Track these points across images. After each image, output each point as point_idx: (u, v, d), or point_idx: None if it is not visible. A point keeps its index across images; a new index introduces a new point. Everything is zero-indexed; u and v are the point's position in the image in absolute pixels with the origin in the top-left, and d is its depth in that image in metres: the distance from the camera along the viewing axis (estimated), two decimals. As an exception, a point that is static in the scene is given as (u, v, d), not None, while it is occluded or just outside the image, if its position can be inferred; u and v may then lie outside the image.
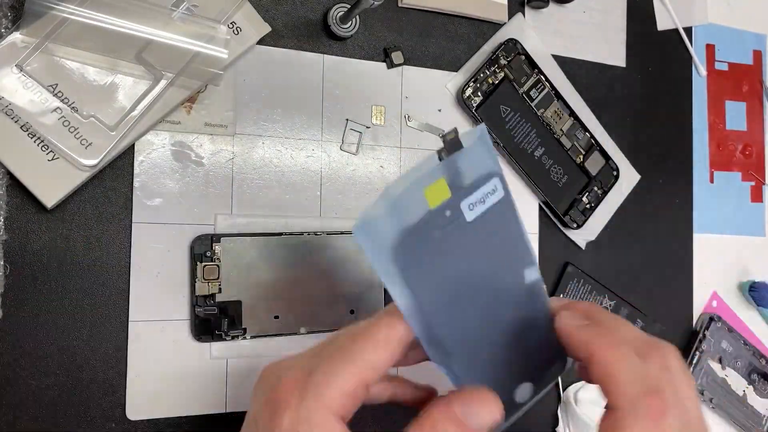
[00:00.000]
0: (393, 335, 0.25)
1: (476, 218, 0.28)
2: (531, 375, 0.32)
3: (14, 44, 0.36)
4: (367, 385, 0.25)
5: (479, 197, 0.27)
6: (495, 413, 0.25)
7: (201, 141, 0.41)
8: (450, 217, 0.27)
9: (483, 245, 0.28)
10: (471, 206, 0.27)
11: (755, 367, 0.59)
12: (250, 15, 0.42)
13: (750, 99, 0.63)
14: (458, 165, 0.27)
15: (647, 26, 0.58)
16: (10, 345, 0.37)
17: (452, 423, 0.24)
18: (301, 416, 0.24)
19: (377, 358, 0.25)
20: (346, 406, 0.24)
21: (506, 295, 0.30)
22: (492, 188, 0.28)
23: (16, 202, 0.37)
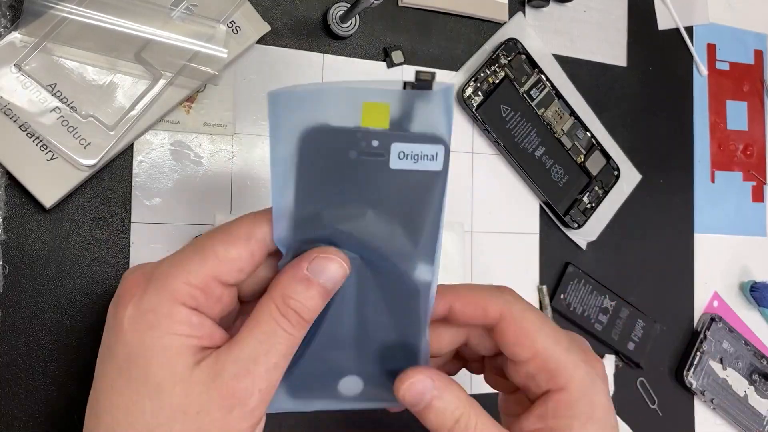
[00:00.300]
0: (252, 233, 0.25)
1: (399, 171, 0.25)
2: (367, 374, 0.29)
3: (13, 44, 0.36)
4: (223, 281, 0.25)
5: (414, 152, 0.25)
6: (342, 266, 0.25)
7: (200, 141, 0.41)
8: (374, 148, 0.24)
9: (390, 203, 0.25)
10: (401, 155, 0.24)
11: (756, 368, 0.59)
12: (249, 14, 0.41)
13: (751, 99, 0.63)
14: (413, 106, 0.24)
15: (648, 26, 0.58)
16: (8, 345, 0.36)
17: (301, 282, 0.25)
18: (143, 305, 0.24)
19: (231, 253, 0.24)
20: (196, 297, 0.24)
21: (386, 274, 0.27)
22: (432, 154, 0.25)
23: (14, 201, 0.37)
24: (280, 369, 0.25)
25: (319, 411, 0.29)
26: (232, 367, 0.24)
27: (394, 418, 0.46)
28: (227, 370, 0.24)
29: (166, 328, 0.24)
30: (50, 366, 0.37)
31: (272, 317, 0.25)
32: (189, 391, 0.23)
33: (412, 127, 0.24)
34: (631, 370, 0.54)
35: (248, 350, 0.24)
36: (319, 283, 0.25)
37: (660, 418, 0.55)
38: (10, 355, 0.36)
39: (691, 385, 0.55)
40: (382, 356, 0.28)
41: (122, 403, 0.24)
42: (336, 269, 0.25)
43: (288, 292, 0.25)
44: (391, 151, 0.24)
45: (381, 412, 0.45)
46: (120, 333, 0.24)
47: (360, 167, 0.24)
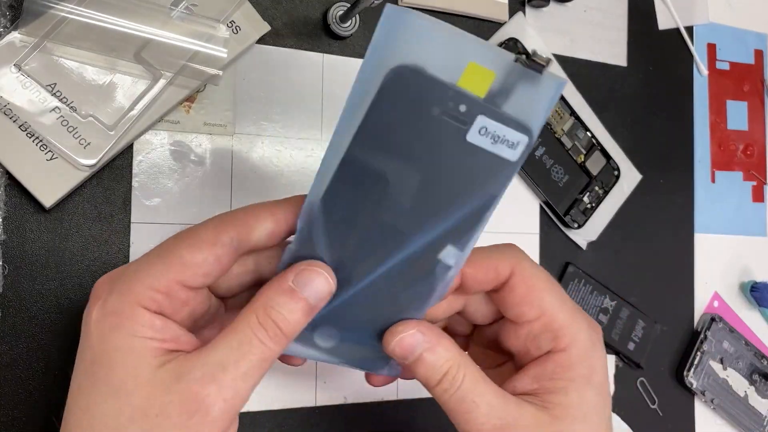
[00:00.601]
0: (219, 237, 0.24)
1: (473, 146, 0.23)
2: (348, 331, 0.28)
3: (13, 43, 0.36)
4: (187, 285, 0.24)
5: (497, 132, 0.23)
6: (329, 283, 0.25)
7: (200, 141, 0.41)
8: (460, 113, 0.22)
9: (448, 175, 0.24)
10: (483, 130, 0.23)
11: (757, 368, 0.59)
12: (249, 14, 0.41)
13: (751, 98, 0.63)
14: (516, 85, 0.22)
15: (648, 25, 0.58)
16: (8, 345, 0.36)
17: (284, 293, 0.24)
18: (107, 308, 0.24)
19: (196, 258, 0.24)
20: (159, 302, 0.24)
21: (408, 244, 0.25)
22: (514, 141, 0.23)
23: (14, 201, 0.37)
24: (251, 381, 0.24)
25: (289, 355, 0.29)
26: (197, 371, 0.23)
27: (394, 418, 0.46)
28: (192, 374, 0.23)
29: (129, 330, 0.23)
30: (50, 366, 0.37)
31: (249, 326, 0.24)
32: (150, 393, 0.23)
33: (505, 107, 0.23)
34: (632, 370, 0.54)
35: (218, 356, 0.23)
36: (302, 297, 0.24)
37: (660, 418, 0.55)
38: (9, 355, 0.36)
39: (691, 385, 0.55)
40: (370, 320, 0.27)
41: (86, 404, 0.24)
42: (321, 283, 0.25)
43: (270, 303, 0.24)
44: (475, 122, 0.22)
45: (381, 412, 0.45)
46: (87, 336, 0.24)
47: (435, 127, 0.23)
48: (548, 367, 0.28)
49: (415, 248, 0.25)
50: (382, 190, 0.24)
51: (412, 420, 0.46)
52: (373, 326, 0.28)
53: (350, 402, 0.45)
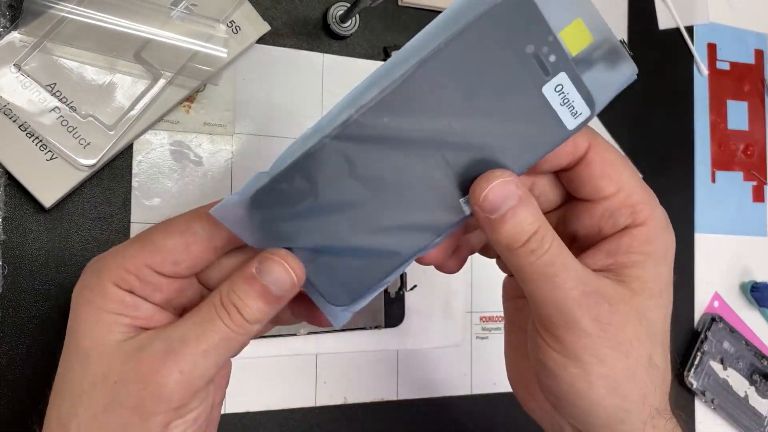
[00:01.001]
0: (189, 226, 0.25)
1: (543, 99, 0.23)
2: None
3: (12, 43, 0.36)
4: (157, 270, 0.25)
5: (570, 96, 0.23)
6: (290, 274, 0.24)
7: (200, 140, 0.41)
8: (548, 61, 0.23)
9: (508, 118, 0.24)
10: (558, 88, 0.24)
11: (757, 368, 0.59)
12: (249, 14, 0.41)
13: (752, 98, 0.63)
14: (600, 61, 0.23)
15: (648, 25, 0.58)
16: (8, 345, 0.36)
17: (246, 280, 0.24)
18: (84, 283, 0.25)
19: (167, 243, 0.25)
20: (130, 282, 0.24)
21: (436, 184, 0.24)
22: (579, 111, 0.24)
23: (14, 201, 0.37)
24: (211, 359, 0.24)
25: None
26: (158, 344, 0.24)
27: (394, 418, 0.46)
28: (152, 346, 0.24)
29: (99, 304, 0.24)
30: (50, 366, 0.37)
31: (213, 305, 0.24)
32: (111, 362, 0.24)
33: (585, 77, 0.24)
34: (632, 370, 0.54)
35: (180, 331, 0.24)
36: (262, 284, 0.24)
37: (660, 418, 0.55)
38: (9, 356, 0.36)
39: (691, 385, 0.55)
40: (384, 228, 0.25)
41: (62, 370, 0.25)
42: (281, 272, 0.24)
43: (233, 287, 0.24)
44: (557, 77, 0.23)
45: (381, 412, 0.45)
46: (70, 311, 0.25)
47: (519, 65, 0.23)
48: (624, 242, 0.27)
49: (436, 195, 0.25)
50: (438, 107, 0.24)
51: (412, 420, 0.46)
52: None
53: (350, 402, 0.45)
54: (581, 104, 0.24)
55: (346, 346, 0.45)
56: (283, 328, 0.42)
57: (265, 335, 0.42)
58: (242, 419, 0.41)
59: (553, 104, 0.24)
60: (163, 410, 0.23)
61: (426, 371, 0.47)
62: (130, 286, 0.25)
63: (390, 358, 0.46)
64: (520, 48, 0.23)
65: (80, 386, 0.24)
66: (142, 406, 0.23)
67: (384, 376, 0.46)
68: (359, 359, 0.45)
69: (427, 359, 0.47)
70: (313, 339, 0.43)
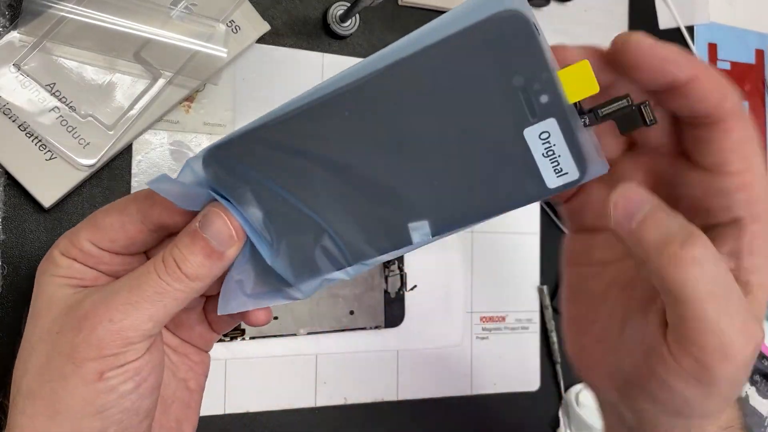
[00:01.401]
0: (126, 206, 0.26)
1: (522, 142, 0.20)
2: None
3: (12, 43, 0.36)
4: (99, 245, 0.27)
5: (554, 148, 0.20)
6: (228, 227, 0.25)
7: (200, 140, 0.41)
8: (539, 103, 0.19)
9: (474, 155, 0.21)
10: (544, 135, 0.20)
11: (757, 368, 0.59)
12: (249, 14, 0.41)
13: (752, 98, 0.63)
14: (579, 133, 0.19)
15: (649, 25, 0.58)
16: (7, 346, 0.36)
17: (188, 233, 0.25)
18: (46, 256, 0.27)
19: (104, 221, 0.26)
20: (74, 254, 0.26)
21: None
22: (562, 169, 0.20)
23: (13, 201, 0.37)
24: (143, 311, 0.24)
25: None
26: (96, 295, 0.25)
27: (394, 418, 0.46)
28: (91, 297, 0.25)
29: (51, 270, 0.26)
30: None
31: (152, 262, 0.25)
32: (56, 316, 0.25)
33: (581, 133, 0.20)
34: (632, 370, 0.54)
35: (116, 285, 0.25)
36: (203, 237, 0.25)
37: (661, 418, 0.55)
38: (9, 357, 0.36)
39: (692, 385, 0.55)
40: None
41: (24, 330, 0.27)
42: (221, 225, 0.24)
43: (176, 243, 0.25)
44: (544, 123, 0.19)
45: (381, 412, 0.45)
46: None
47: (501, 97, 0.20)
48: (745, 242, 0.23)
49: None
50: (394, 128, 0.21)
51: (412, 420, 0.46)
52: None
53: (350, 402, 0.45)
54: (569, 163, 0.20)
55: (346, 346, 0.45)
56: (282, 328, 0.42)
57: (266, 335, 0.42)
58: (242, 419, 0.41)
59: (534, 152, 0.20)
60: (94, 356, 0.24)
61: (426, 371, 0.47)
62: (74, 255, 0.26)
63: (390, 358, 0.46)
64: (506, 76, 0.19)
65: (30, 343, 0.26)
66: (76, 353, 0.24)
67: (384, 376, 0.46)
68: (359, 359, 0.45)
69: (427, 359, 0.47)
70: (313, 339, 0.43)
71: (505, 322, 0.50)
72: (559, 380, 0.51)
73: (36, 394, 0.25)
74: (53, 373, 0.24)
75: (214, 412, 0.41)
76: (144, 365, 0.25)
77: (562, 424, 0.51)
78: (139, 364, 0.25)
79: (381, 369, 0.46)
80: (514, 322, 0.50)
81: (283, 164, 0.23)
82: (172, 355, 0.31)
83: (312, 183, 0.23)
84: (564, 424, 0.51)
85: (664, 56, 0.22)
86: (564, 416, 0.51)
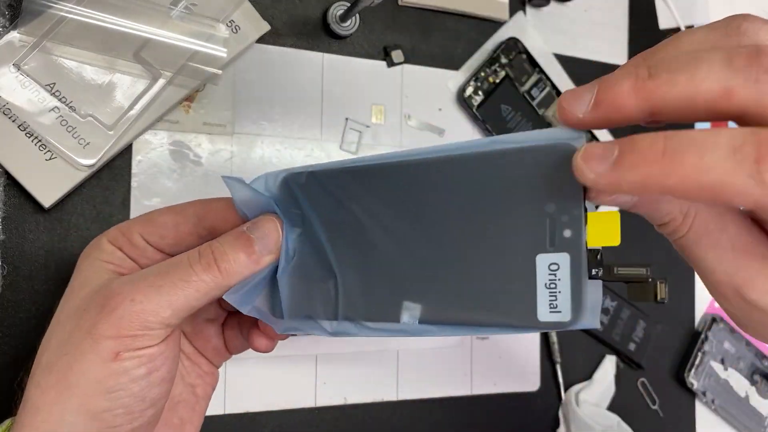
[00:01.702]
0: (184, 208, 0.28)
1: (533, 267, 0.20)
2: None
3: (12, 43, 0.36)
4: (146, 239, 0.28)
5: (559, 287, 0.20)
6: (280, 231, 0.27)
7: (199, 140, 0.41)
8: (561, 234, 0.20)
9: (492, 274, 0.21)
10: (554, 267, 0.20)
11: (757, 368, 0.59)
12: (249, 13, 0.41)
13: (752, 98, 0.63)
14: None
15: (649, 24, 0.58)
16: (8, 346, 0.36)
17: (233, 233, 0.26)
18: (88, 244, 0.29)
19: (159, 218, 0.28)
20: (120, 241, 0.28)
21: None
22: (557, 306, 0.20)
23: (13, 201, 0.37)
24: (166, 296, 0.25)
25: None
26: (125, 278, 0.26)
27: (394, 418, 0.46)
28: (120, 279, 0.26)
29: (95, 255, 0.28)
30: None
31: (186, 253, 0.26)
32: (86, 294, 0.26)
33: (590, 281, 0.20)
34: (633, 370, 0.54)
35: (147, 270, 0.26)
36: (249, 237, 0.26)
37: (661, 418, 0.55)
38: (9, 356, 0.36)
39: (692, 385, 0.55)
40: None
41: (54, 312, 0.28)
42: (271, 231, 0.26)
43: (219, 239, 0.26)
44: (558, 255, 0.20)
45: (381, 412, 0.45)
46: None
47: (530, 216, 0.20)
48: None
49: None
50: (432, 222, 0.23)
51: (412, 420, 0.46)
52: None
53: (350, 402, 0.45)
54: (565, 304, 0.19)
55: (346, 346, 0.45)
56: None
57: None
58: (242, 419, 0.41)
59: (538, 280, 0.20)
60: (112, 334, 0.24)
61: (426, 371, 0.47)
62: (120, 244, 0.28)
63: (390, 358, 0.46)
64: (542, 200, 0.20)
65: (58, 319, 0.27)
66: (95, 329, 0.25)
67: (384, 376, 0.46)
68: (359, 359, 0.45)
69: (427, 359, 0.47)
70: (313, 339, 0.43)
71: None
72: (559, 380, 0.51)
73: (52, 367, 0.25)
74: (71, 346, 0.25)
75: (214, 412, 0.41)
76: (158, 354, 0.25)
77: (562, 424, 0.51)
78: (153, 351, 0.25)
79: (381, 369, 0.46)
80: (514, 322, 0.50)
81: (331, 207, 0.26)
82: (185, 360, 0.32)
83: (345, 233, 0.25)
84: (564, 424, 0.51)
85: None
86: (564, 416, 0.51)
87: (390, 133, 0.46)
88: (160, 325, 0.25)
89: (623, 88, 0.20)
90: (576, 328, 0.20)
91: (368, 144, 0.46)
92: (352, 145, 0.45)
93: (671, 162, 0.19)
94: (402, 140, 0.47)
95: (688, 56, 0.19)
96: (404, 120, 0.47)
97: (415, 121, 0.47)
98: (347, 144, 0.45)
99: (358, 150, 0.45)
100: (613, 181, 0.19)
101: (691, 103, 0.20)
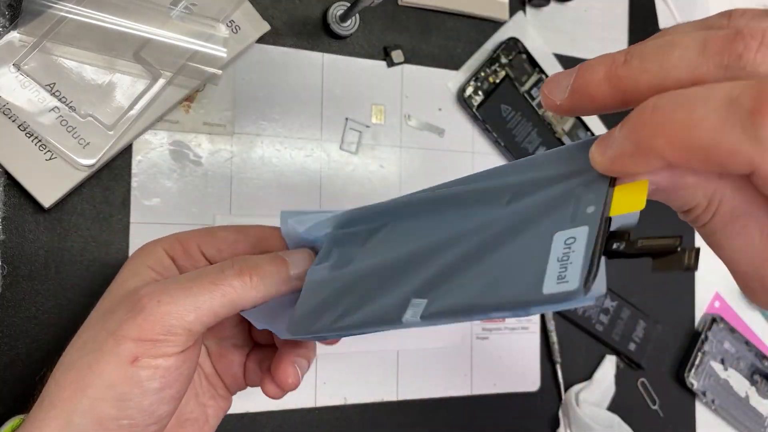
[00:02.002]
0: (247, 229, 0.30)
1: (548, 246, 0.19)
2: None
3: (12, 43, 0.36)
4: (202, 250, 0.29)
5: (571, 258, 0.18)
6: (309, 259, 0.29)
7: (199, 140, 0.41)
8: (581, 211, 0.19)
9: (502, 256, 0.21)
10: (570, 241, 0.19)
11: (757, 368, 0.59)
12: (249, 13, 0.41)
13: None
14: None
15: (649, 24, 0.58)
16: (7, 346, 0.36)
17: (270, 254, 0.28)
18: (145, 246, 0.29)
19: (220, 233, 0.30)
20: (175, 249, 0.29)
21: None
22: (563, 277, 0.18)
23: (13, 201, 0.37)
24: (194, 302, 0.25)
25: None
26: (158, 284, 0.26)
27: (394, 418, 0.46)
28: (151, 285, 0.26)
29: (142, 258, 0.28)
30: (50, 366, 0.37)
31: (224, 263, 0.27)
32: (120, 295, 0.26)
33: (600, 252, 0.18)
34: (633, 370, 0.54)
35: (181, 278, 0.26)
36: (283, 258, 0.28)
37: (661, 418, 0.55)
38: (9, 356, 0.36)
39: (692, 385, 0.55)
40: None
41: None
42: (304, 255, 0.29)
43: (255, 257, 0.27)
44: (577, 229, 0.18)
45: (381, 412, 0.45)
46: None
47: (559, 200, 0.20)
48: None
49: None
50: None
51: (412, 420, 0.46)
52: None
53: (350, 402, 0.45)
54: (575, 274, 0.18)
55: (346, 346, 0.44)
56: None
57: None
58: (242, 419, 0.41)
59: (551, 255, 0.19)
60: (134, 336, 0.24)
61: (426, 371, 0.47)
62: (174, 253, 0.28)
63: (390, 358, 0.46)
64: (572, 183, 0.20)
65: (90, 319, 0.27)
66: (119, 329, 0.24)
67: (384, 376, 0.46)
68: (359, 359, 0.45)
69: (427, 359, 0.47)
70: (312, 339, 0.43)
71: (505, 323, 0.50)
72: (559, 380, 0.51)
73: (73, 366, 0.25)
74: (94, 345, 0.25)
75: (214, 412, 0.41)
76: (173, 369, 0.25)
77: (562, 425, 0.51)
78: (170, 364, 0.25)
79: (381, 369, 0.46)
80: (514, 322, 0.50)
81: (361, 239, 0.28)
82: (203, 379, 0.32)
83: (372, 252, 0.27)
84: (564, 424, 0.51)
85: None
86: (564, 416, 0.51)
87: (390, 133, 0.46)
88: (182, 330, 0.25)
89: (598, 76, 0.19)
90: (580, 299, 0.18)
91: (368, 144, 0.46)
92: (352, 145, 0.45)
93: (662, 120, 0.16)
94: (402, 140, 0.47)
95: (664, 42, 0.18)
96: (404, 120, 0.47)
97: (415, 121, 0.47)
98: (347, 144, 0.45)
99: (358, 150, 0.45)
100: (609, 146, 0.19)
101: (661, 90, 0.17)
